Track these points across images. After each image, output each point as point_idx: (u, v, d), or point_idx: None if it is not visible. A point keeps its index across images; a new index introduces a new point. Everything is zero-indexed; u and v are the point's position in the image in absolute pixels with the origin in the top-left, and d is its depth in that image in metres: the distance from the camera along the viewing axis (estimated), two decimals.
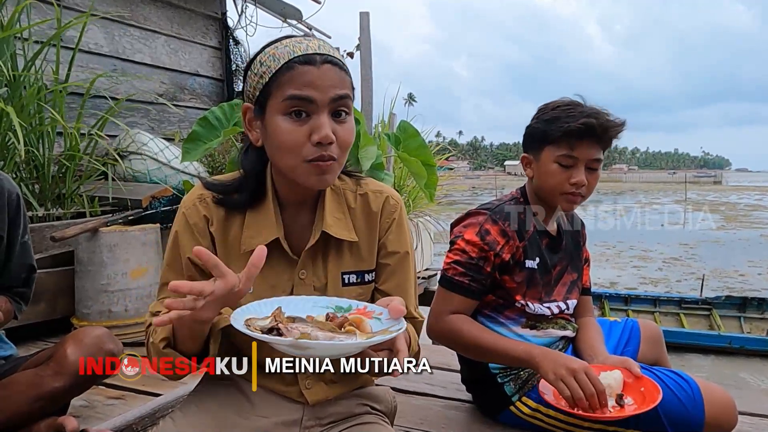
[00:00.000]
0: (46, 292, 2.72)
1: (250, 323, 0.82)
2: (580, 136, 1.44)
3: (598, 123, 1.44)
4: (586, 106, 1.48)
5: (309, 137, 0.92)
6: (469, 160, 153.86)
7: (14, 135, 2.84)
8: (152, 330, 0.96)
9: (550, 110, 1.51)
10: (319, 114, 0.92)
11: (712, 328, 5.90)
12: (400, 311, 0.87)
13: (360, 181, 1.13)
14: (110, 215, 3.02)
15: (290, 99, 0.91)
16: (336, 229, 1.05)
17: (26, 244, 1.60)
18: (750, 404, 1.79)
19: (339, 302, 0.95)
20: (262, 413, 1.07)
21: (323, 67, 0.92)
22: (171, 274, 1.03)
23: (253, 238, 1.02)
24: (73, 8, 3.79)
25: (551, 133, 1.47)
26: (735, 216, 19.83)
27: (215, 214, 1.04)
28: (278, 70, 0.92)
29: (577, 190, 1.49)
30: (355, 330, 0.85)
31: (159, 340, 0.94)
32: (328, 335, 0.82)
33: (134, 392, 2.07)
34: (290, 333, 0.81)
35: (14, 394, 1.40)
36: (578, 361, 1.34)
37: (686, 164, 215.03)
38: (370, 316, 0.89)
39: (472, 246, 1.49)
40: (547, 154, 1.50)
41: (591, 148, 1.47)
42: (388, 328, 0.85)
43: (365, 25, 4.19)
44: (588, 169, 1.49)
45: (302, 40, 0.95)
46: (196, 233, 1.03)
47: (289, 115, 0.92)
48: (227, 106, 2.92)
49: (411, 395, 1.93)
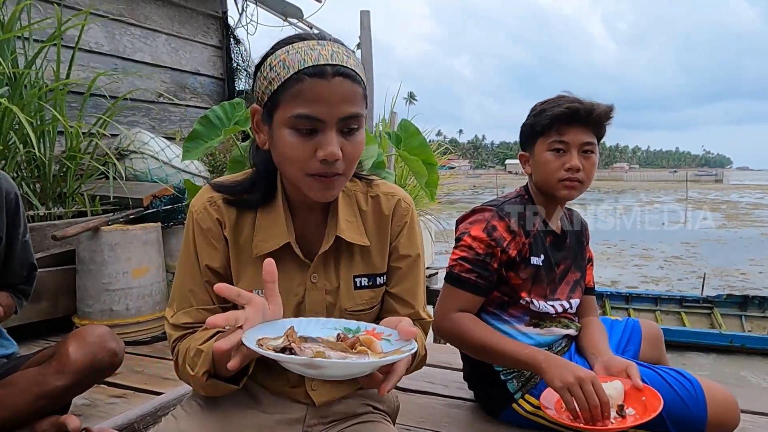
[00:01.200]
0: (48, 291, 2.72)
1: (263, 342, 0.82)
2: (568, 121, 1.48)
3: (582, 106, 1.47)
4: (571, 96, 1.52)
5: (315, 153, 0.89)
6: (470, 159, 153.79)
7: (16, 134, 2.85)
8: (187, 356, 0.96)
9: (540, 105, 1.55)
10: (326, 131, 0.89)
11: (713, 327, 5.89)
12: (410, 333, 0.86)
13: (371, 183, 1.11)
14: (111, 214, 3.02)
15: (297, 117, 0.88)
16: (349, 233, 1.04)
17: (26, 243, 1.60)
18: (752, 402, 1.79)
19: (347, 324, 0.95)
20: (266, 411, 1.07)
21: (334, 80, 0.88)
22: (189, 282, 1.02)
23: (265, 242, 1.01)
24: (73, 7, 3.79)
25: (540, 124, 1.51)
26: (736, 214, 19.80)
27: (227, 217, 1.02)
28: (287, 80, 0.88)
29: (574, 175, 1.49)
30: (367, 350, 0.85)
31: (201, 374, 0.93)
32: (341, 355, 0.82)
33: (136, 391, 2.07)
34: (303, 352, 0.81)
35: (16, 393, 1.40)
36: (585, 369, 1.32)
37: (687, 163, 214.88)
38: (379, 337, 0.89)
39: (478, 242, 1.49)
40: (539, 146, 1.54)
41: (580, 133, 1.49)
42: (400, 348, 0.85)
43: (366, 24, 4.19)
44: (582, 154, 1.50)
45: (315, 46, 0.90)
46: (211, 238, 1.02)
47: (296, 130, 0.89)
48: (228, 104, 2.91)
49: (413, 394, 1.93)
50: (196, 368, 0.94)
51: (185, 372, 0.97)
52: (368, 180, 1.11)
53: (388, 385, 0.84)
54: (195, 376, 0.94)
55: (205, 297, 1.02)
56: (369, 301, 1.08)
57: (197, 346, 0.95)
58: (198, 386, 0.98)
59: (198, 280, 1.02)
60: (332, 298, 1.05)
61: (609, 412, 1.25)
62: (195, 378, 0.95)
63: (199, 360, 0.93)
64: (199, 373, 0.93)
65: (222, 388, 0.95)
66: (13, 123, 2.85)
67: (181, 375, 1.01)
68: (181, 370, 0.99)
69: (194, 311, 1.01)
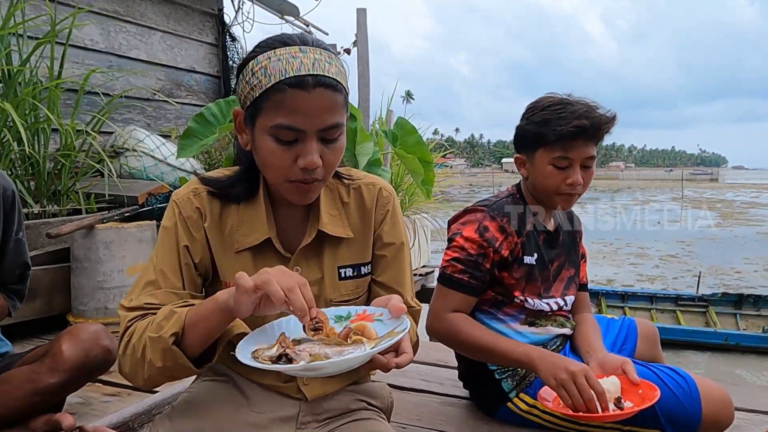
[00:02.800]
0: (42, 289, 2.71)
1: (258, 355, 0.82)
2: (574, 137, 1.43)
3: (590, 123, 1.43)
4: (576, 105, 1.46)
5: (295, 161, 0.92)
6: (467, 158, 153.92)
7: (10, 132, 2.83)
8: (149, 327, 0.91)
9: (540, 111, 1.49)
10: (306, 141, 0.91)
11: (708, 325, 5.90)
12: (401, 309, 0.87)
13: (351, 175, 1.13)
14: (106, 212, 3.01)
15: (278, 128, 0.90)
16: (332, 226, 1.05)
17: (20, 241, 1.59)
18: (746, 400, 1.80)
19: (337, 311, 0.94)
20: (258, 409, 1.07)
21: (315, 92, 0.89)
22: (162, 264, 0.99)
23: (246, 237, 1.02)
24: (67, 4, 3.77)
25: (544, 136, 1.46)
26: (731, 213, 19.89)
27: (209, 209, 1.03)
28: (268, 89, 0.89)
29: (574, 189, 1.49)
30: (362, 338, 0.84)
31: (169, 334, 0.87)
32: (337, 349, 0.82)
33: (130, 389, 2.06)
34: (299, 356, 0.80)
35: (10, 391, 1.40)
36: (577, 363, 1.33)
37: (683, 162, 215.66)
38: (371, 319, 0.89)
39: (470, 243, 1.49)
40: (541, 157, 1.50)
41: (585, 147, 1.46)
42: (393, 329, 0.85)
43: (362, 22, 4.18)
44: (583, 167, 1.49)
45: (297, 54, 0.90)
46: (189, 226, 1.02)
47: (277, 138, 0.91)
48: (223, 102, 2.91)
49: (407, 391, 1.93)
50: (164, 329, 0.88)
51: (141, 341, 0.90)
52: (348, 175, 1.13)
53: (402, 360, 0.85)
54: (161, 337, 0.87)
55: (176, 281, 0.99)
56: (354, 291, 1.09)
57: (171, 308, 0.91)
58: (156, 353, 0.88)
59: (173, 262, 1.00)
60: (317, 290, 1.05)
61: (606, 401, 1.26)
62: (159, 340, 0.87)
63: (170, 321, 0.89)
64: (167, 333, 0.87)
65: (181, 364, 0.89)
66: (7, 121, 2.84)
67: (126, 357, 0.93)
68: (133, 347, 0.91)
69: (162, 293, 0.97)
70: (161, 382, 0.95)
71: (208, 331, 0.89)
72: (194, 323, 0.89)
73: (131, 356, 0.93)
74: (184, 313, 0.90)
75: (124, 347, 0.94)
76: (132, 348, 0.92)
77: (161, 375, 0.92)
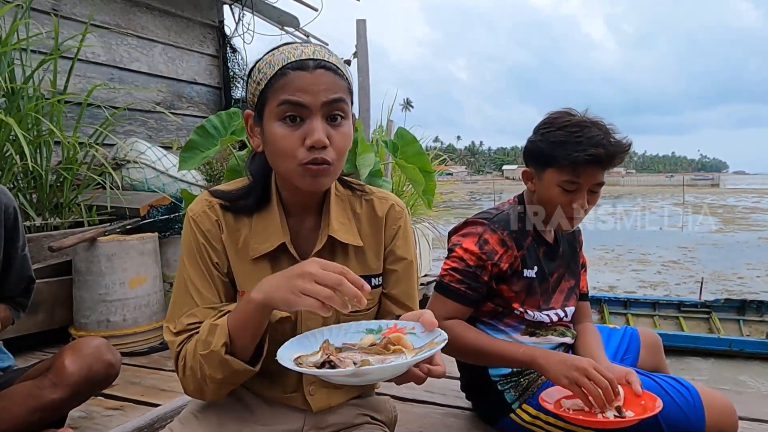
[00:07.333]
0: (45, 302, 2.71)
1: (301, 361, 0.83)
2: (586, 164, 1.42)
3: (605, 153, 1.41)
4: (593, 129, 1.44)
5: (303, 141, 0.93)
6: (468, 165, 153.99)
7: (13, 146, 2.85)
8: (197, 344, 0.93)
9: (556, 130, 1.47)
10: (312, 118, 0.93)
11: (711, 332, 5.89)
12: (434, 323, 0.88)
13: (365, 188, 1.14)
14: (108, 224, 3.02)
15: (283, 104, 0.92)
16: (342, 233, 1.06)
17: (25, 257, 1.61)
18: (749, 409, 1.80)
19: (368, 324, 0.95)
20: (262, 422, 1.07)
21: (316, 72, 0.93)
22: (196, 282, 1.01)
23: (261, 244, 1.03)
24: (70, 18, 3.80)
25: (556, 159, 1.45)
26: (733, 219, 19.85)
27: (224, 221, 1.04)
28: (273, 77, 0.93)
29: (578, 214, 1.50)
30: (402, 348, 0.85)
31: (220, 345, 0.90)
32: (379, 358, 0.83)
33: (133, 403, 2.06)
34: (343, 363, 0.81)
35: (13, 406, 1.40)
36: (582, 358, 1.34)
37: (684, 167, 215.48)
38: (403, 332, 0.90)
39: (470, 254, 1.49)
40: (550, 176, 1.48)
41: (595, 174, 1.45)
42: (432, 340, 0.86)
43: (362, 33, 4.20)
44: (590, 192, 1.48)
45: (298, 47, 0.96)
46: (211, 239, 1.03)
47: (284, 121, 0.93)
48: (225, 114, 2.92)
49: (410, 403, 1.92)
50: (213, 344, 0.91)
51: (196, 361, 0.94)
52: (361, 187, 1.14)
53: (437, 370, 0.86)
54: (212, 352, 0.91)
55: (213, 297, 1.01)
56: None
57: (210, 322, 0.94)
58: (213, 367, 0.92)
59: (205, 278, 1.02)
60: None
61: (617, 387, 1.27)
62: (212, 355, 0.91)
63: (215, 334, 0.92)
64: (218, 345, 0.91)
65: (238, 369, 0.92)
66: (10, 135, 2.86)
67: (187, 378, 0.97)
68: (191, 368, 0.95)
69: (200, 311, 1.00)
70: (228, 390, 0.99)
71: (254, 330, 0.92)
72: (236, 328, 0.91)
73: (192, 377, 0.96)
74: (225, 322, 0.92)
75: (182, 371, 0.98)
76: (190, 370, 0.96)
77: (225, 384, 0.96)
